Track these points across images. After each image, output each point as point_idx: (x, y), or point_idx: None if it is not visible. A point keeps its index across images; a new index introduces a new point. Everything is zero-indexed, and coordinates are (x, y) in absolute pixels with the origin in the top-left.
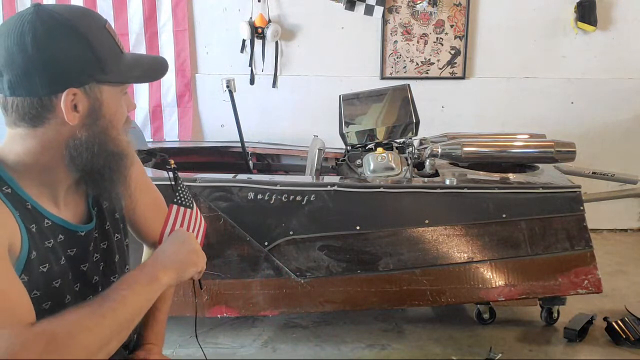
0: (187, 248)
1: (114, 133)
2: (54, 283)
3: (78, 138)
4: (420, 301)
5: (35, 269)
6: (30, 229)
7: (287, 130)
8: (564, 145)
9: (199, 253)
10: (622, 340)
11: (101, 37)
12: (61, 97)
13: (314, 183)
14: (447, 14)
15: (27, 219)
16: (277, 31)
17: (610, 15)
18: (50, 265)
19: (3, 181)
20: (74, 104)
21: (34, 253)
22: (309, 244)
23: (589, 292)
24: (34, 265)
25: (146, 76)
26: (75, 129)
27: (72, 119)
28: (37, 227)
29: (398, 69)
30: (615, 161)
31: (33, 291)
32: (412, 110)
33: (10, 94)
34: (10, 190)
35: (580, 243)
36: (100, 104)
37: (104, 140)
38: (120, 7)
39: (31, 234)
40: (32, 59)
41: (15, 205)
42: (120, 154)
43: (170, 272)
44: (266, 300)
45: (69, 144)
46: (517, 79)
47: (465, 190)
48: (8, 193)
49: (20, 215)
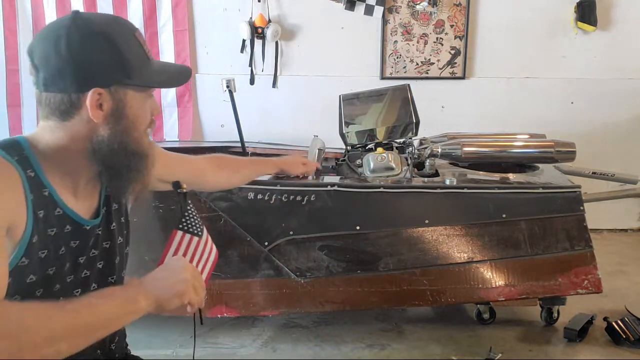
0: (177, 278)
1: (135, 134)
2: (49, 270)
3: (101, 134)
4: (420, 301)
5: (35, 254)
6: (37, 214)
7: (287, 130)
8: (564, 145)
9: (188, 284)
10: (622, 340)
11: (130, 44)
12: (87, 96)
13: (314, 183)
14: (447, 14)
15: (38, 204)
16: (277, 31)
17: (610, 15)
18: (48, 252)
19: (30, 164)
20: (99, 103)
21: (36, 237)
22: (309, 244)
23: (589, 292)
24: (34, 250)
25: (169, 82)
26: (99, 125)
27: (97, 116)
28: (45, 213)
29: (398, 69)
30: (615, 161)
31: (30, 276)
32: (412, 110)
33: (45, 89)
34: (34, 174)
35: (580, 243)
36: (123, 105)
37: (125, 139)
38: (120, 7)
39: (37, 219)
40: (65, 60)
41: (33, 189)
42: (140, 154)
43: (150, 298)
44: (266, 300)
45: (92, 139)
46: (517, 79)
47: (465, 190)
48: (30, 176)
49: (34, 199)
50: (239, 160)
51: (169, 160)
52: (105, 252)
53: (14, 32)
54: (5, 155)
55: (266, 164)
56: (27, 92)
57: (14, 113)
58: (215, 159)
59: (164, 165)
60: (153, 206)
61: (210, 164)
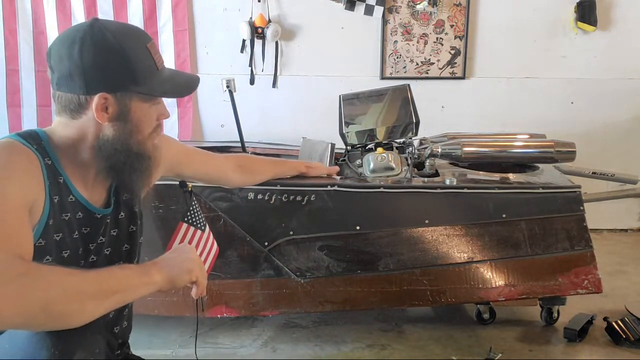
0: (185, 256)
1: (139, 137)
2: (64, 253)
3: (106, 134)
4: (420, 301)
5: (50, 236)
6: (53, 199)
7: (286, 130)
8: (564, 145)
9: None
10: (622, 340)
11: (139, 55)
12: (94, 99)
13: (314, 183)
14: (447, 14)
15: (54, 190)
16: (277, 31)
17: (610, 15)
18: (63, 235)
19: (47, 154)
20: (105, 106)
21: (52, 221)
22: (309, 244)
23: (589, 292)
24: (50, 232)
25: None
26: (104, 126)
27: (102, 118)
28: (60, 199)
29: (398, 69)
30: (615, 161)
31: (46, 256)
32: (412, 110)
33: (57, 88)
34: (51, 162)
35: (580, 243)
36: (128, 110)
37: (128, 141)
38: (120, 7)
39: (53, 204)
40: (76, 64)
41: (49, 176)
42: (142, 156)
43: (163, 273)
44: (266, 300)
45: (98, 137)
46: (517, 79)
47: (465, 190)
48: (48, 164)
49: (51, 185)
50: (261, 161)
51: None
52: (112, 240)
53: (14, 32)
54: (25, 143)
55: (287, 165)
56: (27, 93)
57: (13, 113)
58: (238, 158)
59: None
60: (153, 206)
61: (233, 164)
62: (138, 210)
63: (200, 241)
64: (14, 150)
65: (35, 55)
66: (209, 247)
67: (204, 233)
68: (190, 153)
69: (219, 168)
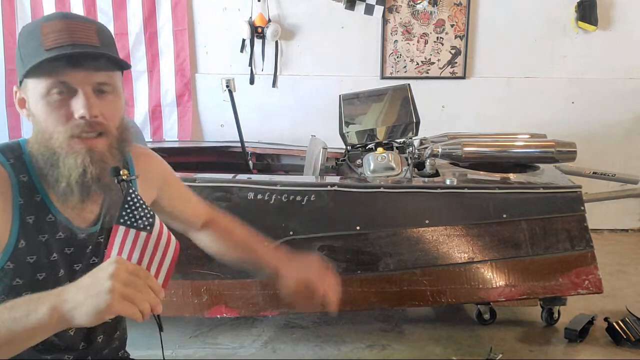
0: (98, 289)
1: (47, 134)
2: (39, 275)
3: (33, 134)
4: (420, 301)
5: (22, 258)
6: (26, 219)
7: (286, 130)
8: (564, 145)
9: (112, 296)
10: (623, 341)
11: (30, 35)
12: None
13: (314, 183)
14: (448, 13)
15: (28, 209)
16: (277, 31)
17: (610, 15)
18: (38, 257)
19: (25, 168)
20: (19, 99)
21: (23, 242)
22: (309, 244)
23: (590, 293)
24: (21, 255)
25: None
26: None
27: (24, 115)
28: (36, 219)
29: (398, 68)
30: (615, 161)
31: (16, 279)
32: (412, 110)
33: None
34: (27, 178)
35: (581, 243)
36: (26, 100)
37: (40, 139)
38: (120, 7)
39: (24, 225)
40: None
41: (24, 194)
42: (55, 160)
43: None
44: (266, 300)
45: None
46: (518, 79)
47: (466, 191)
48: (23, 181)
49: (24, 204)
50: (241, 237)
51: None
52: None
53: (13, 32)
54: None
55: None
56: None
57: (13, 113)
58: (213, 216)
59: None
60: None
61: (205, 219)
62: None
63: (147, 246)
64: None
65: None
66: (162, 250)
67: (151, 234)
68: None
69: (194, 215)
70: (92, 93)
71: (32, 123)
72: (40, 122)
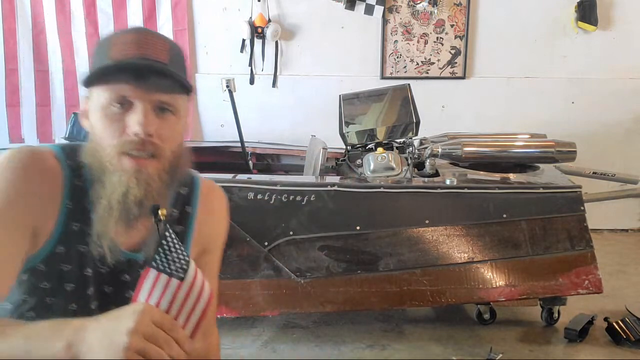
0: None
1: (99, 146)
2: (67, 286)
3: (88, 145)
4: (420, 301)
5: (55, 264)
6: (71, 225)
7: (286, 130)
8: (564, 145)
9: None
10: (623, 341)
11: (102, 46)
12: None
13: (313, 183)
14: (448, 13)
15: (75, 216)
16: (277, 31)
17: (610, 15)
18: (72, 267)
19: (82, 173)
20: (83, 111)
21: (62, 248)
22: (309, 244)
23: (590, 292)
24: (56, 259)
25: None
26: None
27: (87, 128)
28: (80, 228)
29: (398, 68)
30: (615, 161)
31: (44, 282)
32: (412, 110)
33: None
34: (82, 184)
35: (580, 243)
36: (88, 111)
37: (93, 150)
38: (120, 7)
39: (68, 231)
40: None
41: (74, 198)
42: (101, 169)
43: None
44: (266, 301)
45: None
46: (518, 79)
47: (466, 191)
48: (77, 185)
49: (73, 208)
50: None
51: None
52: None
53: (13, 32)
54: (60, 156)
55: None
56: (26, 92)
57: (12, 112)
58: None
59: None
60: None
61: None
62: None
63: (178, 294)
64: (36, 165)
65: (35, 54)
66: (194, 299)
67: (183, 282)
68: (217, 253)
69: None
70: (151, 110)
71: (90, 135)
72: (96, 134)
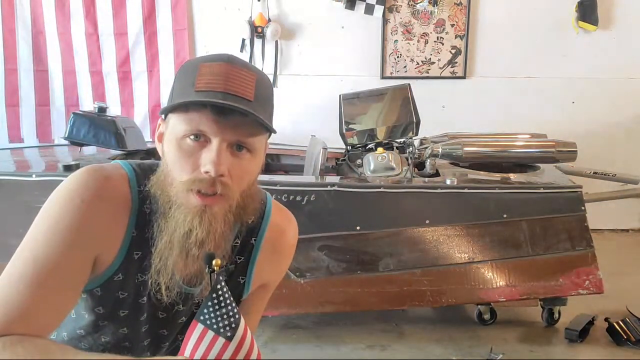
0: None
1: (169, 177)
2: (121, 312)
3: (157, 174)
4: (420, 302)
5: (112, 290)
6: (133, 254)
7: (287, 130)
8: (565, 145)
9: None
10: (623, 341)
11: (186, 72)
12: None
13: (314, 183)
14: (448, 13)
15: (138, 244)
16: (277, 30)
17: (611, 15)
18: (128, 295)
19: (148, 198)
20: (159, 133)
21: (120, 276)
22: (309, 244)
23: (590, 293)
24: (113, 286)
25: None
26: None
27: (159, 150)
28: (141, 256)
29: (398, 68)
30: (616, 161)
31: (98, 307)
32: (412, 109)
33: None
34: (149, 211)
35: (581, 243)
36: (164, 135)
37: (162, 181)
38: (119, 7)
39: (129, 260)
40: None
41: (140, 226)
42: (167, 202)
43: None
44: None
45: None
46: (518, 78)
47: (466, 191)
48: (145, 212)
49: (136, 237)
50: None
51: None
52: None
53: (13, 32)
54: (133, 183)
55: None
56: (26, 92)
57: (12, 112)
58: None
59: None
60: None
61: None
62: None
63: (224, 353)
64: (109, 194)
65: (34, 54)
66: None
67: (231, 342)
68: (271, 290)
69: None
70: (226, 149)
71: (162, 161)
72: (167, 164)
